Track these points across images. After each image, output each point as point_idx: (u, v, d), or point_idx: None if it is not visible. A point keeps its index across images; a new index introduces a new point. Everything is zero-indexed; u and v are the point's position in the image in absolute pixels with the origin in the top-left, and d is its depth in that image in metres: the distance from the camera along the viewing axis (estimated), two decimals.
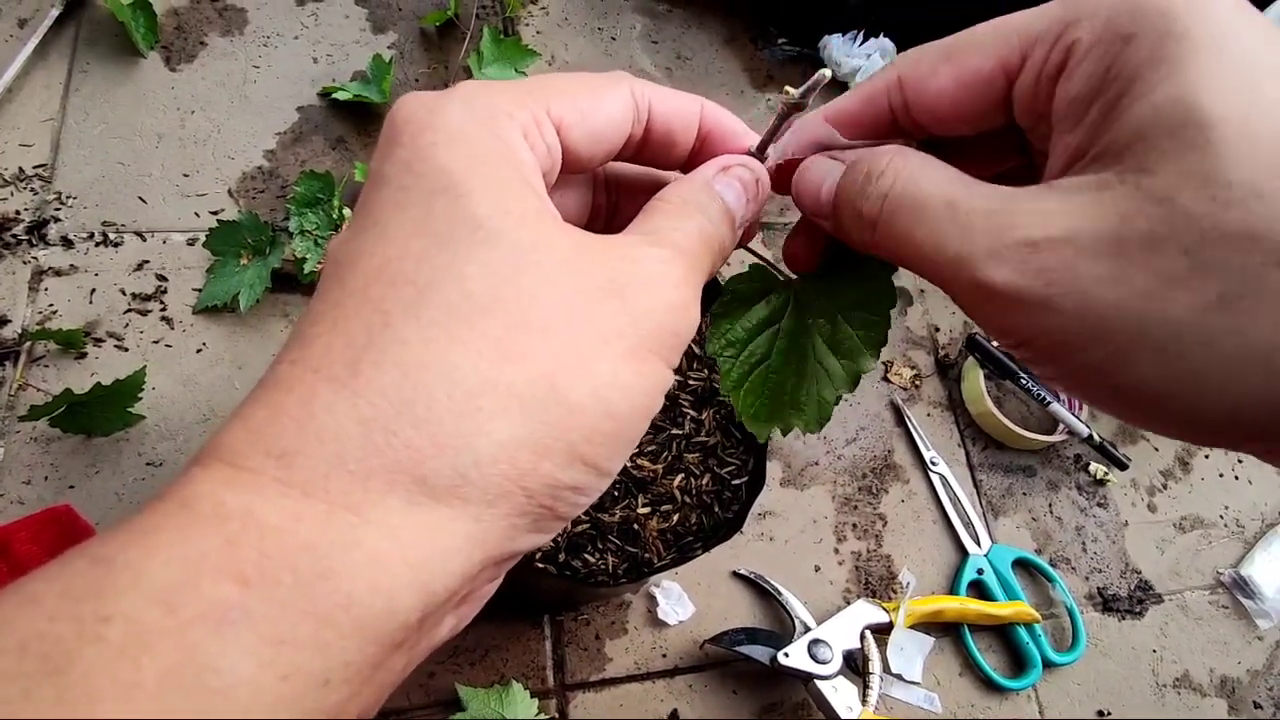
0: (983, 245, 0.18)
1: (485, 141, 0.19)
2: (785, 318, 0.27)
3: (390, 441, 0.16)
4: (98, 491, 0.54)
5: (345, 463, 0.16)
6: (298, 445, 0.16)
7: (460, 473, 0.17)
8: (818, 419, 0.27)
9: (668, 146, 0.24)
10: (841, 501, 0.66)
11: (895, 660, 0.60)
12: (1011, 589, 0.65)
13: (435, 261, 0.18)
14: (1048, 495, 0.71)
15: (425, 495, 0.16)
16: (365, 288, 0.18)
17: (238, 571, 0.15)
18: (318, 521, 0.16)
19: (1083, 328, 0.17)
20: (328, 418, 0.16)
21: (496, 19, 0.76)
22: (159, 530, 0.15)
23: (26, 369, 0.55)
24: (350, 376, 0.17)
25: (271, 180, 0.65)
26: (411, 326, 0.17)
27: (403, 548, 0.16)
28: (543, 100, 0.20)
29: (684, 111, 0.24)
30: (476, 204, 0.18)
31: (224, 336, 0.59)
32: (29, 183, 0.60)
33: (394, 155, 0.19)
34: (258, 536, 0.15)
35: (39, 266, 0.58)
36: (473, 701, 0.52)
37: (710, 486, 0.43)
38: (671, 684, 0.57)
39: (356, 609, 0.15)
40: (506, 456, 0.17)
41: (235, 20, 0.70)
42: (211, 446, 0.17)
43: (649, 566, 0.41)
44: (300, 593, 0.15)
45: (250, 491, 0.16)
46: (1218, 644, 0.69)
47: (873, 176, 0.21)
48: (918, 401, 0.72)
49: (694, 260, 0.21)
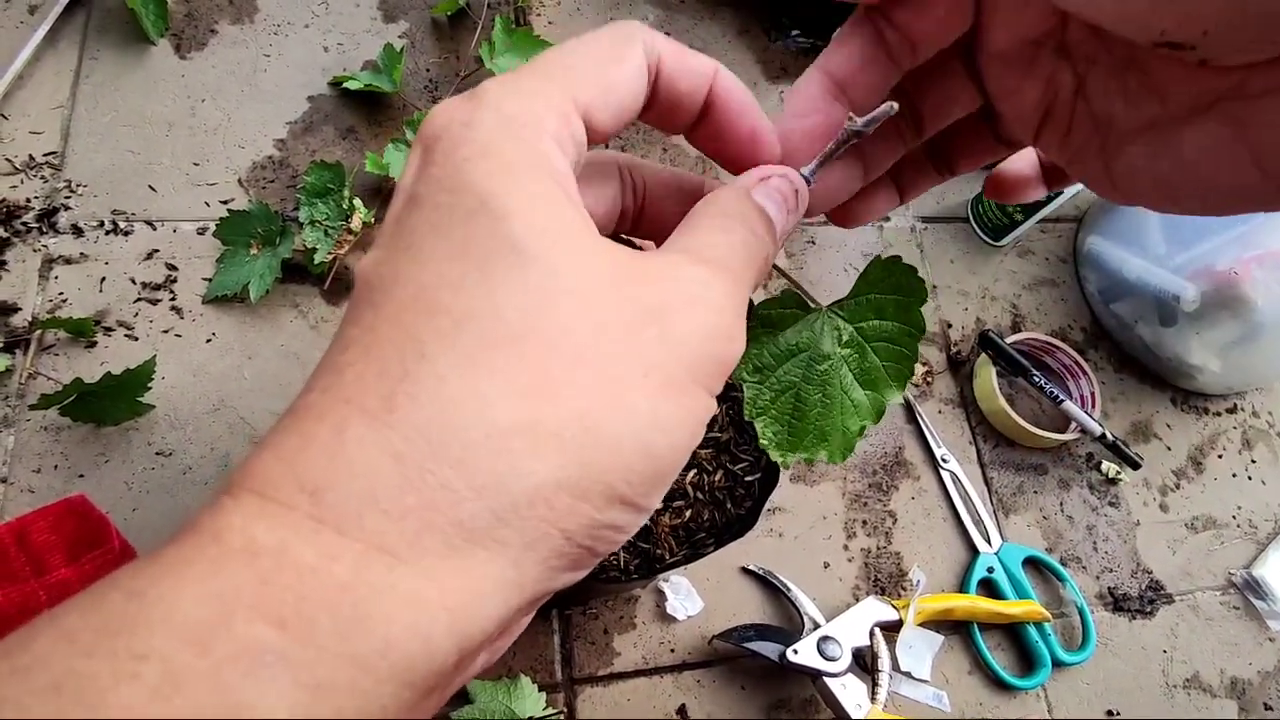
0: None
1: (521, 154, 0.18)
2: (815, 346, 0.27)
3: (426, 480, 0.16)
4: (107, 481, 0.54)
5: (378, 501, 0.15)
6: (329, 479, 0.16)
7: (498, 516, 0.16)
8: (842, 450, 0.27)
9: (672, 110, 0.22)
10: (851, 498, 0.66)
11: (904, 658, 0.60)
12: (1021, 588, 0.65)
13: (473, 290, 0.17)
14: (1059, 494, 0.71)
15: (462, 538, 0.16)
16: (399, 314, 0.17)
17: (273, 612, 0.14)
18: (353, 562, 0.15)
19: None
20: (359, 451, 0.16)
21: (508, 8, 0.75)
22: (190, 564, 0.15)
23: (37, 358, 0.55)
24: (384, 410, 0.16)
25: (282, 170, 0.65)
26: (447, 359, 0.16)
27: (441, 592, 0.16)
28: (569, 90, 0.19)
29: (693, 75, 0.22)
30: (514, 225, 0.17)
31: (234, 326, 0.59)
32: (39, 170, 0.60)
33: (428, 174, 0.18)
34: (294, 576, 0.15)
35: (49, 255, 0.58)
36: (480, 695, 0.52)
37: (723, 483, 0.43)
38: (679, 679, 0.57)
39: (394, 654, 0.15)
40: (544, 499, 0.16)
41: (246, 8, 0.69)
42: (241, 475, 0.16)
43: (661, 563, 0.41)
44: (338, 637, 0.14)
45: (283, 527, 0.15)
46: (1229, 645, 0.69)
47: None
48: (929, 398, 0.71)
49: (737, 278, 0.20)
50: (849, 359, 0.27)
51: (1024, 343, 0.73)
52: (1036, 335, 0.73)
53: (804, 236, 0.75)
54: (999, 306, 0.77)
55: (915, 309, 0.27)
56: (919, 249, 0.78)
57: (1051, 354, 0.74)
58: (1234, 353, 0.72)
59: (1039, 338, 0.73)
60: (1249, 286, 0.67)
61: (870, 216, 0.28)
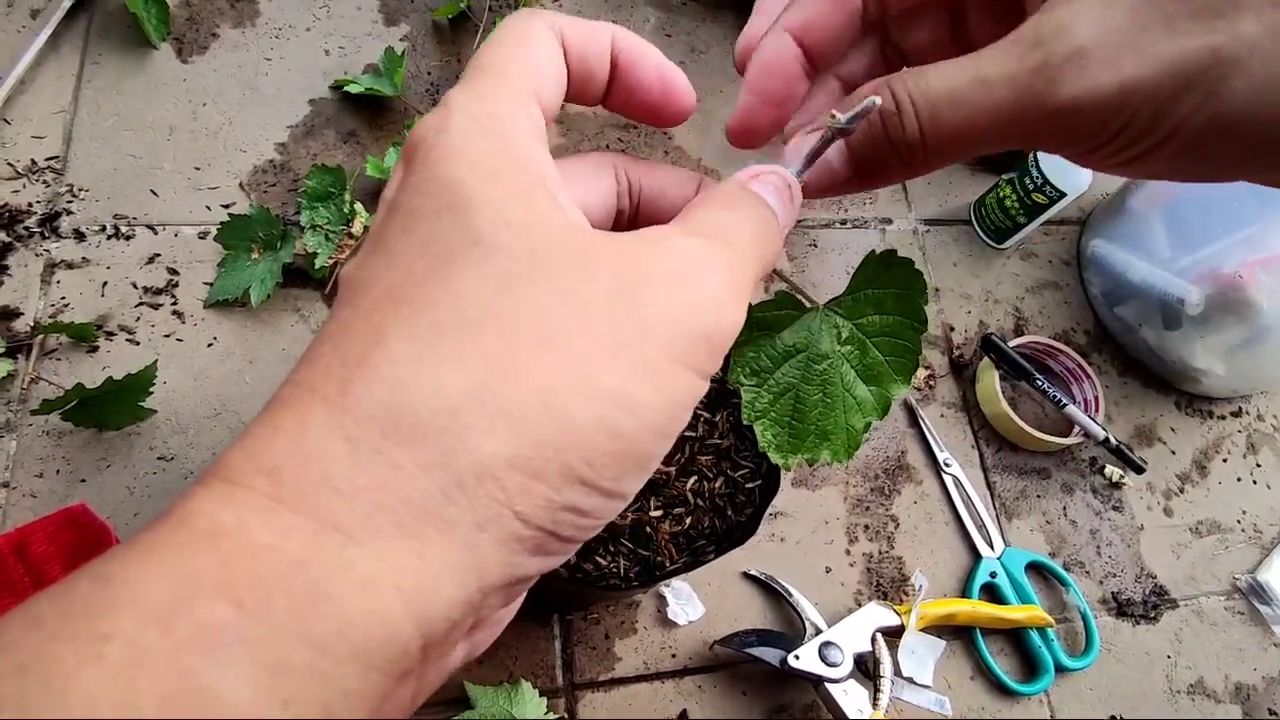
0: (1039, 81, 0.19)
1: (491, 149, 0.19)
2: (812, 346, 0.27)
3: (375, 460, 0.16)
4: (109, 485, 0.54)
5: (331, 480, 0.16)
6: (287, 461, 0.16)
7: (444, 493, 0.16)
8: (846, 448, 0.27)
9: (586, 81, 0.22)
10: (853, 502, 0.66)
11: (906, 663, 0.60)
12: (1024, 592, 0.64)
13: (434, 281, 0.17)
14: (1062, 498, 0.71)
15: (412, 517, 0.16)
16: (370, 311, 0.18)
17: (231, 592, 0.14)
18: (307, 539, 0.15)
19: (1168, 89, 0.19)
20: (316, 435, 0.16)
21: (509, 10, 0.75)
22: (158, 547, 0.15)
23: (38, 362, 0.55)
24: (340, 395, 0.16)
25: (283, 174, 0.65)
26: (402, 344, 0.17)
27: (394, 572, 0.15)
28: (521, 83, 0.20)
29: (597, 40, 0.22)
30: (477, 217, 0.18)
31: (235, 331, 0.59)
32: (41, 175, 0.60)
33: (405, 182, 0.19)
34: (250, 555, 0.15)
35: (51, 259, 0.58)
36: (482, 700, 0.52)
37: (723, 489, 0.43)
38: (680, 684, 0.57)
39: (353, 634, 0.15)
40: (492, 476, 0.16)
41: (247, 12, 0.69)
42: (215, 465, 0.17)
43: (660, 570, 0.41)
44: (294, 616, 0.14)
45: (243, 508, 0.15)
46: (1233, 650, 0.69)
47: (890, 114, 0.21)
48: (931, 402, 0.71)
49: (738, 251, 0.20)
50: (849, 356, 0.27)
51: (1027, 346, 0.73)
52: (1039, 338, 0.73)
53: (805, 239, 0.74)
54: (1002, 309, 0.77)
55: (915, 301, 0.27)
56: (921, 251, 0.77)
57: (1054, 357, 0.74)
58: (1239, 356, 0.72)
59: (1042, 341, 0.73)
60: (1254, 290, 0.66)
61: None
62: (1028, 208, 0.72)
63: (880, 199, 0.79)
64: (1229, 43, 0.18)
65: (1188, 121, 0.19)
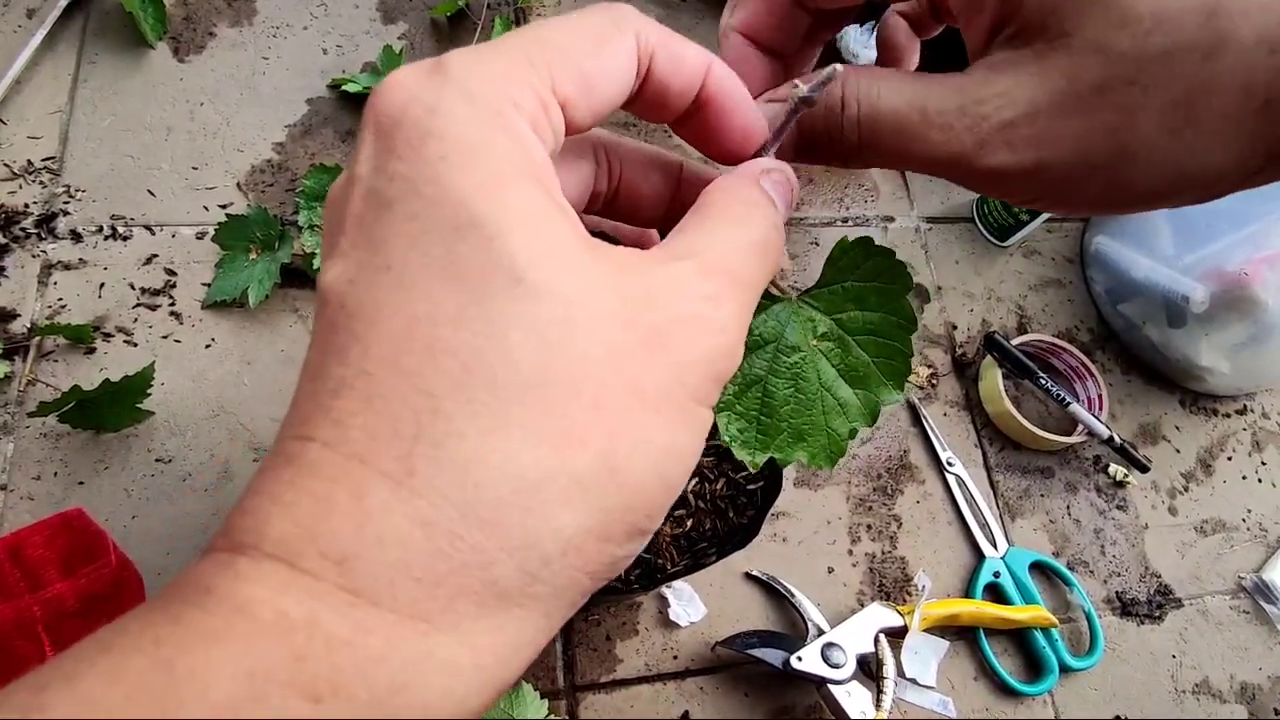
0: (969, 140, 0.21)
1: (499, 149, 0.16)
2: (783, 337, 0.25)
3: (456, 545, 0.15)
4: (107, 488, 0.53)
5: (411, 569, 0.15)
6: (357, 549, 0.15)
7: (530, 573, 0.16)
8: (828, 452, 0.25)
9: (659, 104, 0.21)
10: (856, 502, 0.65)
11: (909, 664, 0.59)
12: (1028, 592, 0.64)
13: (475, 325, 0.16)
14: (1066, 497, 0.70)
15: (495, 598, 0.16)
16: (396, 356, 0.16)
17: (308, 687, 0.14)
18: (388, 634, 0.15)
19: (1079, 171, 0.21)
20: (385, 520, 0.15)
21: (508, 9, 0.75)
22: (220, 638, 0.14)
23: (36, 364, 0.55)
24: (405, 474, 0.15)
25: (281, 173, 0.64)
26: (463, 414, 0.16)
27: (475, 653, 0.16)
28: (547, 75, 0.18)
29: (686, 69, 0.21)
30: (510, 246, 0.16)
31: (233, 332, 0.59)
32: (38, 176, 0.60)
33: (391, 168, 0.16)
34: (326, 650, 0.14)
35: (48, 260, 0.58)
36: None
37: (725, 491, 0.42)
38: (682, 686, 0.57)
39: (431, 716, 0.15)
40: (574, 549, 0.16)
41: (244, 11, 0.69)
42: (253, 533, 0.15)
43: (661, 572, 0.40)
44: (375, 707, 0.14)
45: (313, 599, 0.15)
46: (1238, 650, 0.68)
47: (835, 109, 0.22)
48: (934, 401, 0.71)
49: (748, 283, 0.20)
50: (829, 353, 0.25)
51: (1030, 344, 0.72)
52: (1043, 337, 0.73)
53: (807, 238, 0.74)
54: (1005, 308, 0.76)
55: (900, 298, 0.25)
56: (924, 250, 0.77)
57: (1058, 355, 0.74)
58: (1244, 354, 0.71)
59: (1045, 339, 0.73)
60: (1259, 287, 0.66)
61: None
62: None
63: (882, 197, 0.78)
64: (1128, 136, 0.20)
65: (1092, 195, 0.21)
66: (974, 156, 0.21)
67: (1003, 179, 0.21)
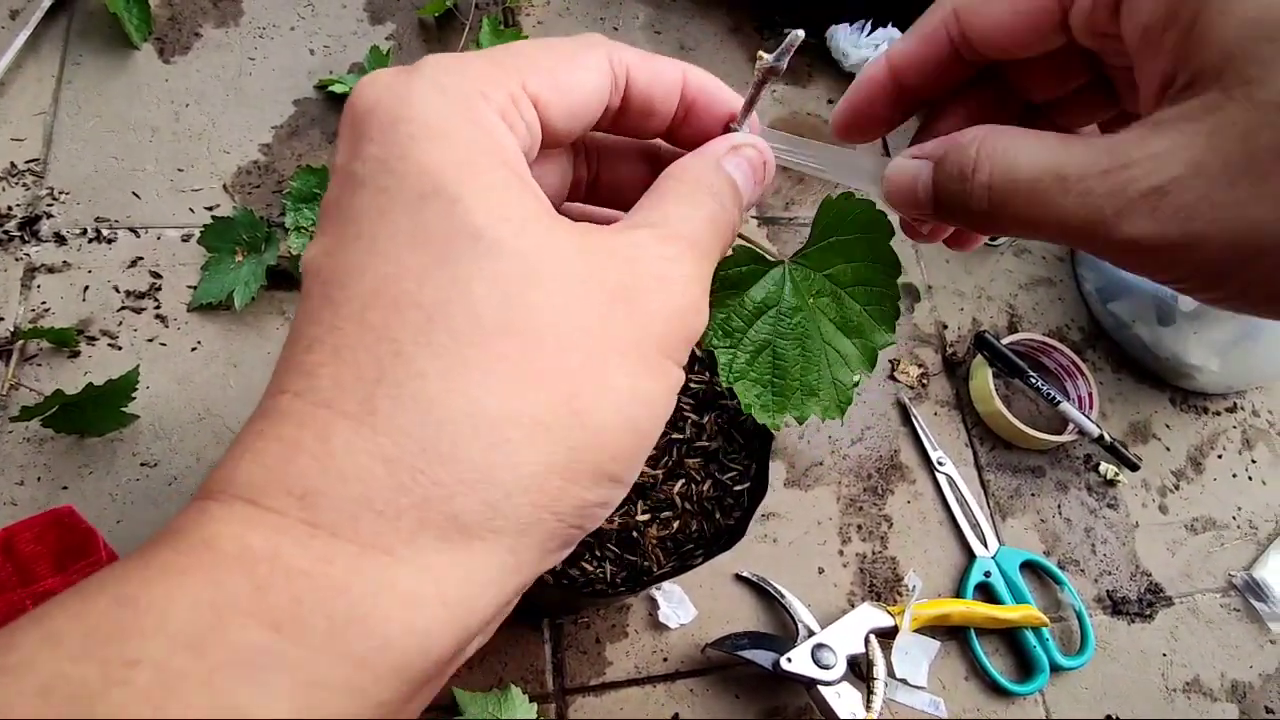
0: (1110, 207, 0.18)
1: (467, 132, 0.18)
2: (783, 299, 0.26)
3: (417, 479, 0.16)
4: (91, 492, 0.53)
5: (373, 503, 0.16)
6: (321, 485, 0.16)
7: (492, 506, 0.16)
8: (837, 403, 0.26)
9: (646, 116, 0.23)
10: (846, 502, 0.65)
11: (900, 664, 0.59)
12: (1019, 592, 0.64)
13: (438, 279, 0.17)
14: (1056, 496, 0.70)
15: (457, 532, 0.16)
16: (364, 311, 0.17)
17: (268, 616, 0.14)
18: (349, 564, 0.15)
19: (1238, 253, 0.17)
20: (348, 456, 0.16)
21: (496, 9, 0.75)
22: (183, 571, 0.15)
23: (18, 368, 0.55)
24: (367, 413, 0.16)
25: (267, 175, 0.64)
26: (424, 356, 0.16)
27: (438, 586, 0.16)
28: (516, 75, 0.19)
29: (664, 79, 0.22)
30: (472, 210, 0.17)
31: (219, 334, 0.59)
32: (21, 178, 0.59)
33: (364, 151, 0.18)
34: (286, 580, 0.15)
35: (31, 263, 0.57)
36: (471, 706, 0.51)
37: (711, 492, 0.42)
38: (672, 688, 0.56)
39: (392, 652, 0.15)
40: (537, 485, 0.17)
41: (230, 11, 0.69)
42: (224, 480, 0.16)
43: (648, 575, 0.40)
44: (334, 637, 0.15)
45: (276, 533, 0.15)
46: (1229, 648, 0.68)
47: (967, 172, 0.20)
48: (924, 400, 0.71)
49: (704, 251, 0.20)
50: (825, 308, 0.26)
51: (1020, 343, 0.72)
52: (1033, 335, 0.73)
53: (798, 237, 0.74)
54: (995, 307, 0.76)
55: (883, 245, 0.26)
56: (914, 248, 0.77)
57: (1048, 354, 0.74)
58: (1233, 352, 0.71)
59: (1036, 338, 0.73)
60: None
61: None
62: None
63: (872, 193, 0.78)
64: None
65: (1256, 283, 0.18)
66: (1111, 224, 0.18)
67: (1144, 252, 0.18)
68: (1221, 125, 0.17)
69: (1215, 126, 0.17)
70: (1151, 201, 0.17)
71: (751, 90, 0.23)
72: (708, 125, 0.23)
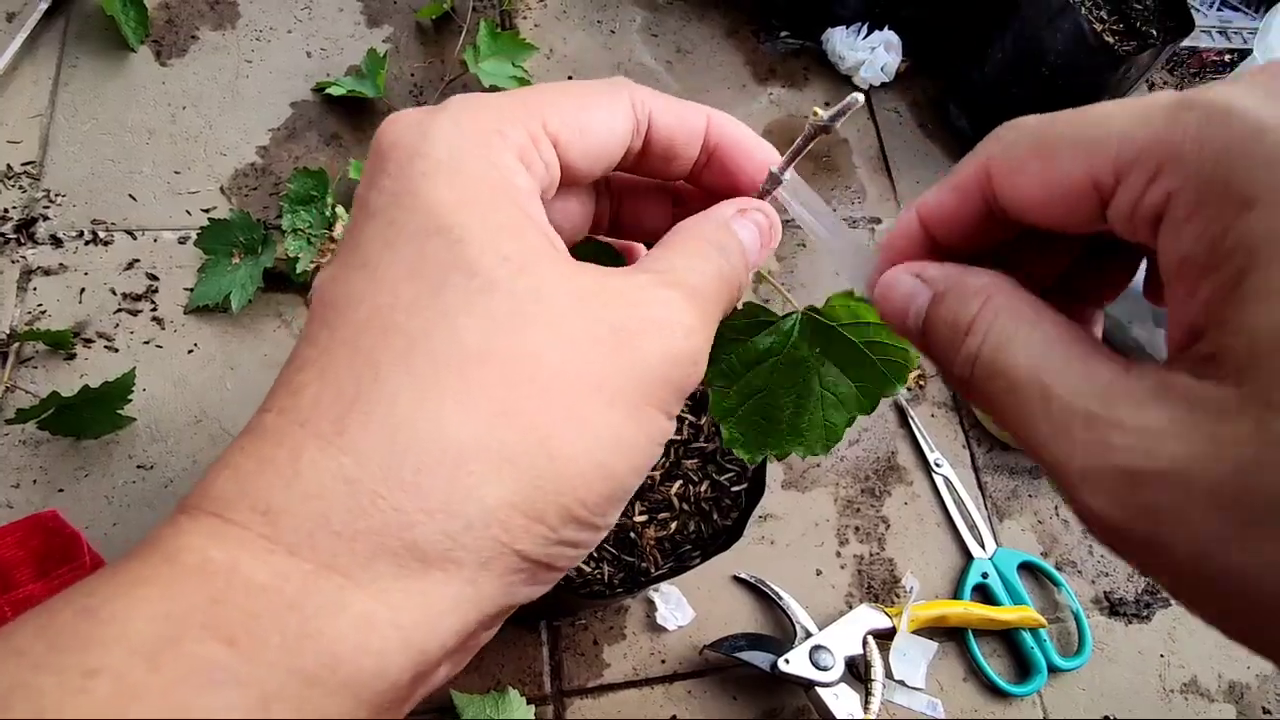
0: (1078, 461, 0.15)
1: (478, 170, 0.18)
2: (786, 349, 0.26)
3: (377, 504, 0.16)
4: (87, 495, 0.53)
5: (330, 523, 0.16)
6: (283, 502, 0.16)
7: (451, 537, 0.16)
8: (824, 442, 0.27)
9: (668, 160, 0.23)
10: (844, 504, 0.65)
11: (898, 666, 0.59)
12: (1016, 593, 0.64)
13: (428, 311, 0.17)
14: (1053, 497, 0.70)
15: (415, 560, 0.16)
16: (355, 336, 0.17)
17: (223, 630, 0.14)
18: (304, 582, 0.15)
19: (1201, 582, 0.14)
20: (313, 475, 0.16)
21: (493, 12, 0.75)
22: (144, 583, 0.15)
23: (14, 370, 0.54)
24: (336, 433, 0.16)
25: (264, 177, 0.64)
26: (400, 380, 0.16)
27: (393, 611, 0.16)
28: (538, 114, 0.19)
29: (687, 124, 0.22)
30: (471, 249, 0.17)
31: (216, 336, 0.59)
32: (17, 180, 0.59)
33: (380, 183, 0.18)
34: (244, 595, 0.15)
35: (27, 266, 0.57)
36: (468, 708, 0.51)
37: (709, 493, 0.42)
38: (670, 690, 0.56)
39: (343, 669, 0.15)
40: (498, 521, 0.16)
41: (227, 14, 0.69)
42: (199, 495, 0.16)
43: (646, 576, 0.40)
44: (286, 652, 0.15)
45: (236, 547, 0.15)
46: (1226, 649, 0.68)
47: (960, 330, 0.18)
48: (921, 402, 0.71)
49: (707, 303, 0.20)
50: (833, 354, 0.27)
51: None
52: None
53: (794, 240, 0.74)
54: None
55: None
56: None
57: None
58: None
59: None
60: None
61: None
62: None
63: (869, 199, 0.78)
64: None
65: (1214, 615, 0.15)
66: (1072, 482, 0.16)
67: (1093, 521, 0.16)
68: (1227, 435, 0.14)
69: (1220, 434, 0.14)
70: (1121, 483, 0.15)
71: (799, 143, 0.23)
72: (732, 172, 0.23)
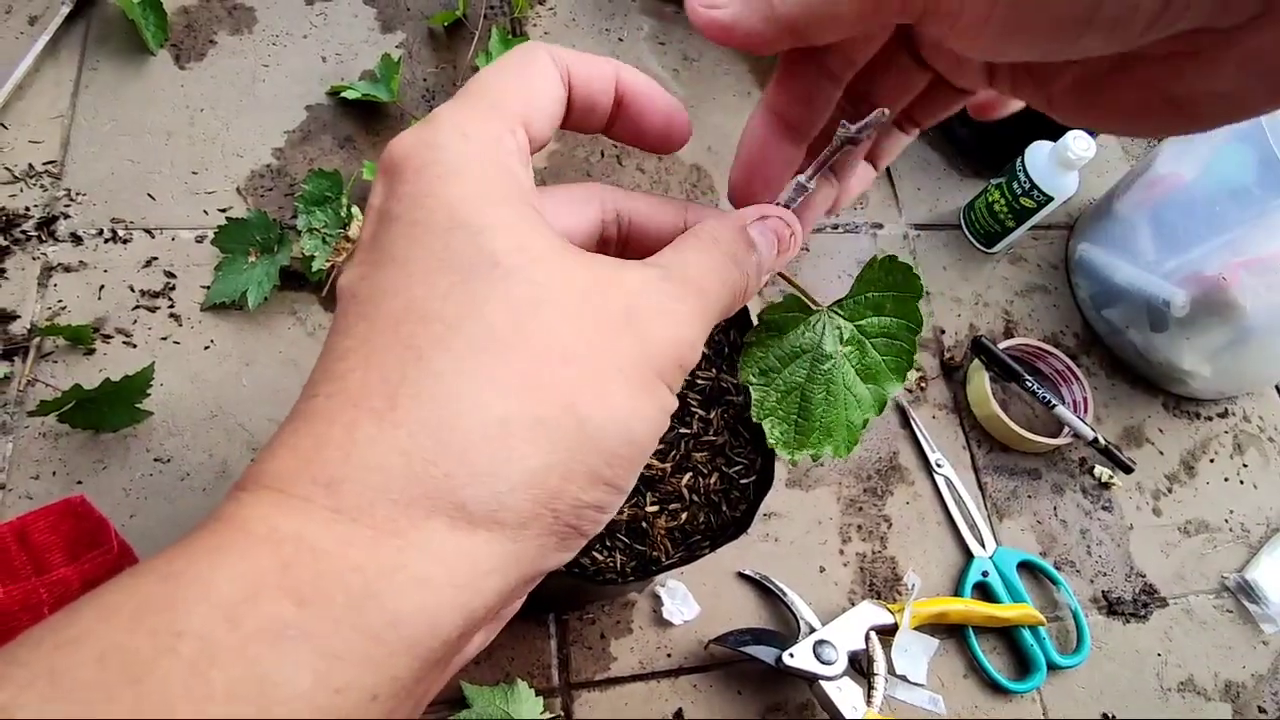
0: None
1: (488, 173, 0.20)
2: (819, 346, 0.28)
3: (430, 472, 0.17)
4: (105, 487, 0.54)
5: (389, 491, 0.17)
6: (344, 474, 0.17)
7: (496, 498, 0.18)
8: (847, 443, 0.28)
9: (588, 111, 0.24)
10: (847, 503, 0.66)
11: (900, 662, 0.60)
12: (1016, 591, 0.65)
13: (459, 298, 0.19)
14: (1052, 498, 0.71)
15: (464, 520, 0.17)
16: (395, 325, 0.19)
17: (294, 591, 0.16)
18: (365, 546, 0.17)
19: None
20: (371, 449, 0.17)
21: (504, 19, 0.76)
22: (220, 550, 0.16)
23: (35, 365, 0.55)
24: (389, 409, 0.18)
25: (280, 178, 0.65)
26: (443, 361, 0.18)
27: (447, 569, 0.17)
28: (510, 108, 0.21)
29: (600, 71, 0.24)
30: (492, 240, 0.19)
31: (232, 334, 0.60)
32: (39, 179, 0.61)
33: (399, 192, 0.20)
34: (311, 559, 0.16)
35: (48, 263, 0.58)
36: (478, 700, 0.52)
37: (718, 485, 0.43)
38: (676, 684, 0.57)
39: (404, 627, 0.16)
40: (538, 482, 0.18)
41: (245, 19, 0.70)
42: (257, 473, 0.18)
43: (656, 565, 0.41)
44: (352, 611, 0.16)
45: (302, 517, 0.17)
46: (1222, 648, 0.69)
47: None
48: (923, 404, 0.72)
49: (708, 299, 0.22)
50: (850, 356, 0.28)
51: (1016, 348, 0.74)
52: (1029, 341, 0.74)
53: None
54: (991, 313, 0.78)
55: (912, 304, 0.29)
56: (912, 256, 0.78)
57: (1044, 359, 0.75)
58: (1224, 357, 0.73)
59: (1031, 343, 0.74)
60: (1237, 291, 0.68)
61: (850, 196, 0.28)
62: (1016, 212, 0.73)
63: (871, 204, 0.80)
64: None
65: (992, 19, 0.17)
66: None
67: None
68: None
69: None
70: None
71: (826, 153, 0.24)
72: (644, 116, 0.24)
